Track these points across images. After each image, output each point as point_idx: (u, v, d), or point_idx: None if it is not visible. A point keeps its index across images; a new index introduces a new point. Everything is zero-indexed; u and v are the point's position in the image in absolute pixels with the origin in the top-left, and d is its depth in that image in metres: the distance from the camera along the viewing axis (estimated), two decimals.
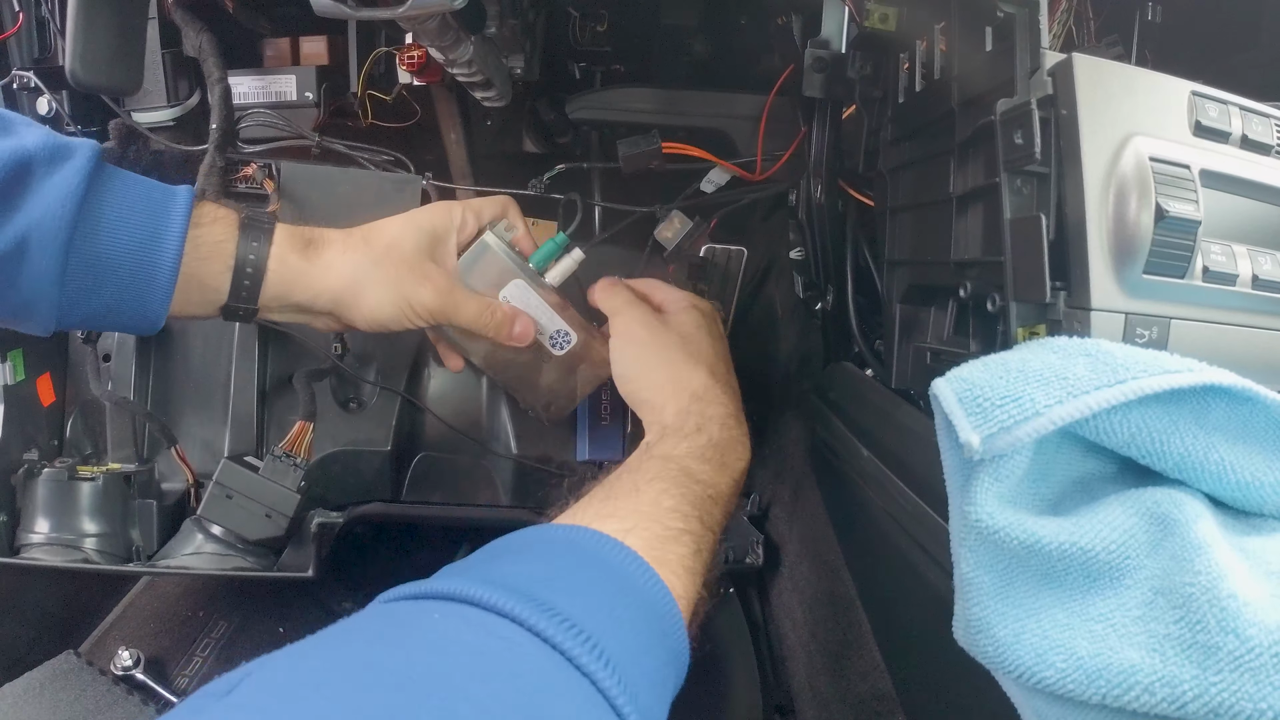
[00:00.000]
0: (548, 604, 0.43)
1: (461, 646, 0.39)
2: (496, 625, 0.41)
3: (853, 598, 0.85)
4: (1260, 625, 0.36)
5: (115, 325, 0.68)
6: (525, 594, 0.43)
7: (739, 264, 1.08)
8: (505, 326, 0.81)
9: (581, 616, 0.43)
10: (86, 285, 0.63)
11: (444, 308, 0.76)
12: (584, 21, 1.05)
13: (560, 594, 0.45)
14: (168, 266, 0.65)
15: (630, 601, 0.49)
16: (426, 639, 0.40)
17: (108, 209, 0.63)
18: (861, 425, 0.77)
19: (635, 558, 0.52)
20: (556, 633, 0.41)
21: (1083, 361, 0.44)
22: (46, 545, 0.87)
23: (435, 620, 0.42)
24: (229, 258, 0.68)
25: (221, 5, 0.99)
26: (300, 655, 0.38)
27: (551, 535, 0.54)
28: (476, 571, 0.47)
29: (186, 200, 0.67)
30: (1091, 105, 0.48)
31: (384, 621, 0.42)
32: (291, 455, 0.91)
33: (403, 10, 0.62)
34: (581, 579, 0.48)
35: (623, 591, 0.50)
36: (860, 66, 0.77)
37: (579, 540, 0.53)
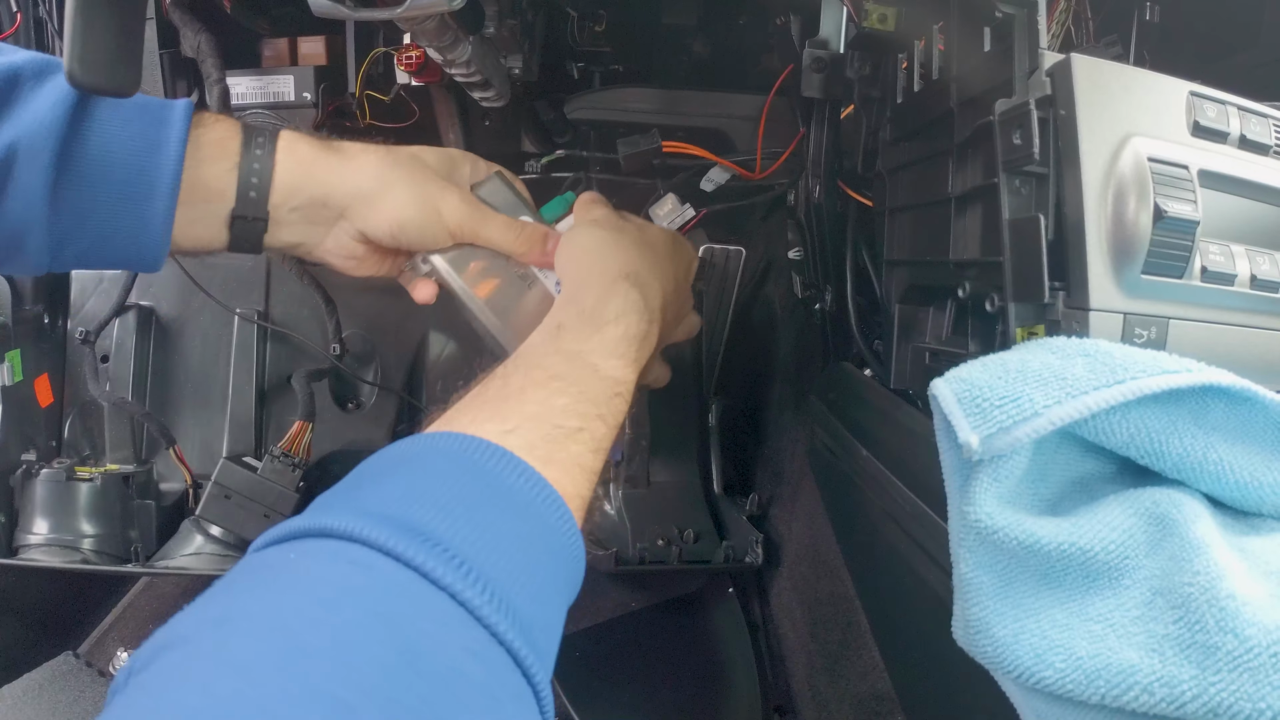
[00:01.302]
0: (403, 522, 0.42)
1: (313, 580, 0.39)
2: (350, 552, 0.40)
3: (852, 598, 0.85)
4: (1259, 625, 0.36)
5: (114, 258, 0.62)
6: (380, 516, 0.42)
7: (738, 264, 1.08)
8: (537, 243, 0.74)
9: (441, 531, 0.42)
10: (81, 205, 0.58)
11: (473, 217, 0.70)
12: (583, 21, 1.05)
13: (421, 510, 0.43)
14: (169, 168, 0.59)
15: (503, 507, 0.47)
16: (280, 580, 0.39)
17: (100, 116, 0.58)
18: (861, 425, 0.77)
19: (510, 459, 0.50)
20: (410, 550, 0.40)
21: (1081, 362, 0.44)
22: (45, 546, 0.87)
23: (291, 560, 0.41)
24: (234, 154, 0.63)
25: (219, 6, 0.99)
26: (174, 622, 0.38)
27: (416, 448, 0.51)
28: (339, 500, 0.46)
29: (186, 106, 0.62)
30: (1090, 105, 0.48)
31: (246, 571, 0.41)
32: (290, 455, 0.91)
33: (401, 10, 0.61)
34: (446, 491, 0.46)
35: (494, 498, 0.47)
36: (859, 67, 0.77)
37: (445, 448, 0.50)
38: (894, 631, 0.77)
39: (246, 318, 1.00)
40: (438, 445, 0.51)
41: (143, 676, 0.35)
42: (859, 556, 0.84)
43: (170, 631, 0.37)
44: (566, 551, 0.50)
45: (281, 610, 0.36)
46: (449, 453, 0.50)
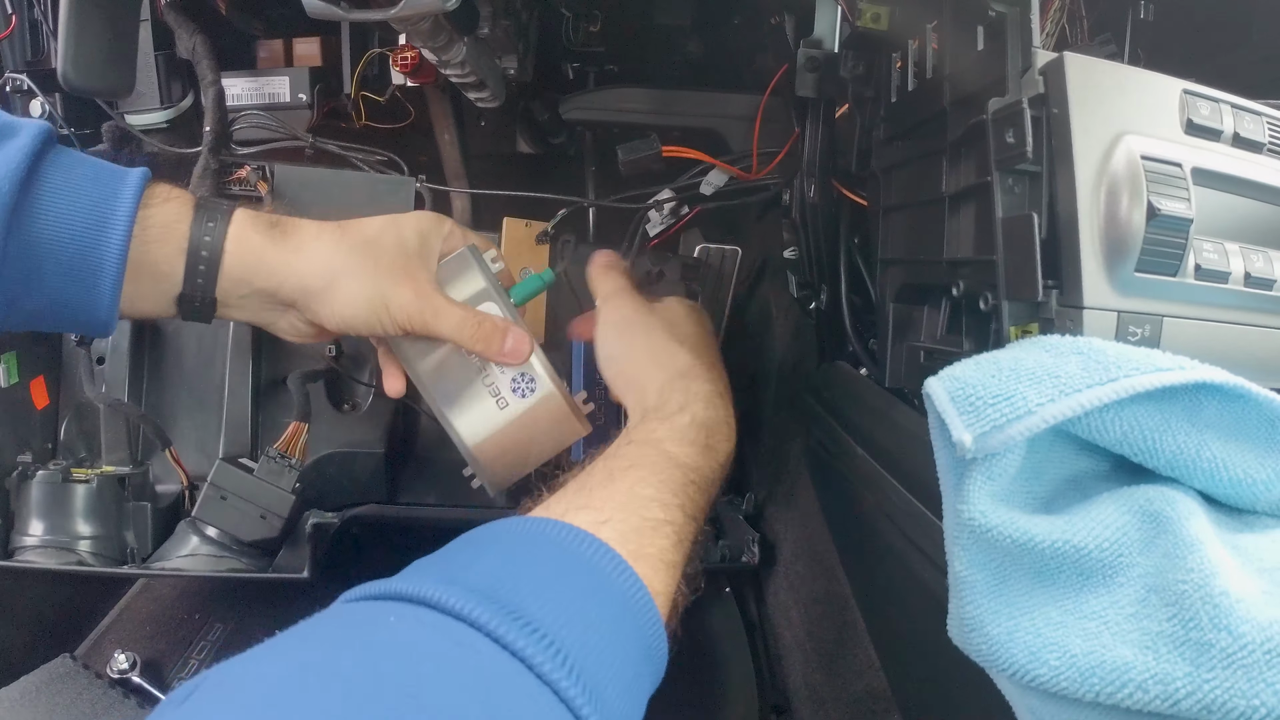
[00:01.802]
0: (508, 605, 0.41)
1: (415, 651, 0.38)
2: (453, 629, 0.40)
3: (848, 596, 0.85)
4: (1253, 622, 0.36)
5: (64, 323, 0.62)
6: (485, 595, 0.41)
7: (733, 264, 1.08)
8: (495, 339, 0.71)
9: (544, 618, 0.41)
10: (28, 273, 0.58)
11: (423, 312, 0.68)
12: (577, 22, 1.05)
13: (523, 594, 0.43)
14: (114, 250, 0.59)
15: (601, 600, 0.47)
16: (380, 644, 0.38)
17: (51, 189, 0.58)
18: (856, 424, 0.77)
19: (608, 552, 0.50)
20: (515, 637, 0.40)
21: (1075, 360, 0.44)
22: (40, 548, 0.87)
23: (390, 623, 0.40)
24: (182, 239, 0.62)
25: (214, 7, 0.99)
26: (255, 660, 0.37)
27: (520, 529, 0.51)
28: (438, 570, 0.46)
29: (138, 180, 0.61)
30: (1083, 104, 0.48)
31: (340, 624, 0.41)
32: (286, 456, 0.91)
33: (395, 11, 0.62)
34: (547, 576, 0.46)
35: (593, 589, 0.47)
36: (853, 66, 0.77)
37: (548, 534, 0.50)
38: (890, 630, 0.77)
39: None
40: (541, 530, 0.51)
41: (215, 694, 0.34)
42: (855, 555, 0.84)
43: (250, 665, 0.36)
44: (655, 651, 0.50)
45: (376, 673, 0.36)
46: (550, 539, 0.50)
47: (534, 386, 0.73)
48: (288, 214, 0.80)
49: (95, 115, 1.06)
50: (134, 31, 0.87)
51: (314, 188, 0.99)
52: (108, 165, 0.61)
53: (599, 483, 0.58)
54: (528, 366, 0.73)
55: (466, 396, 0.73)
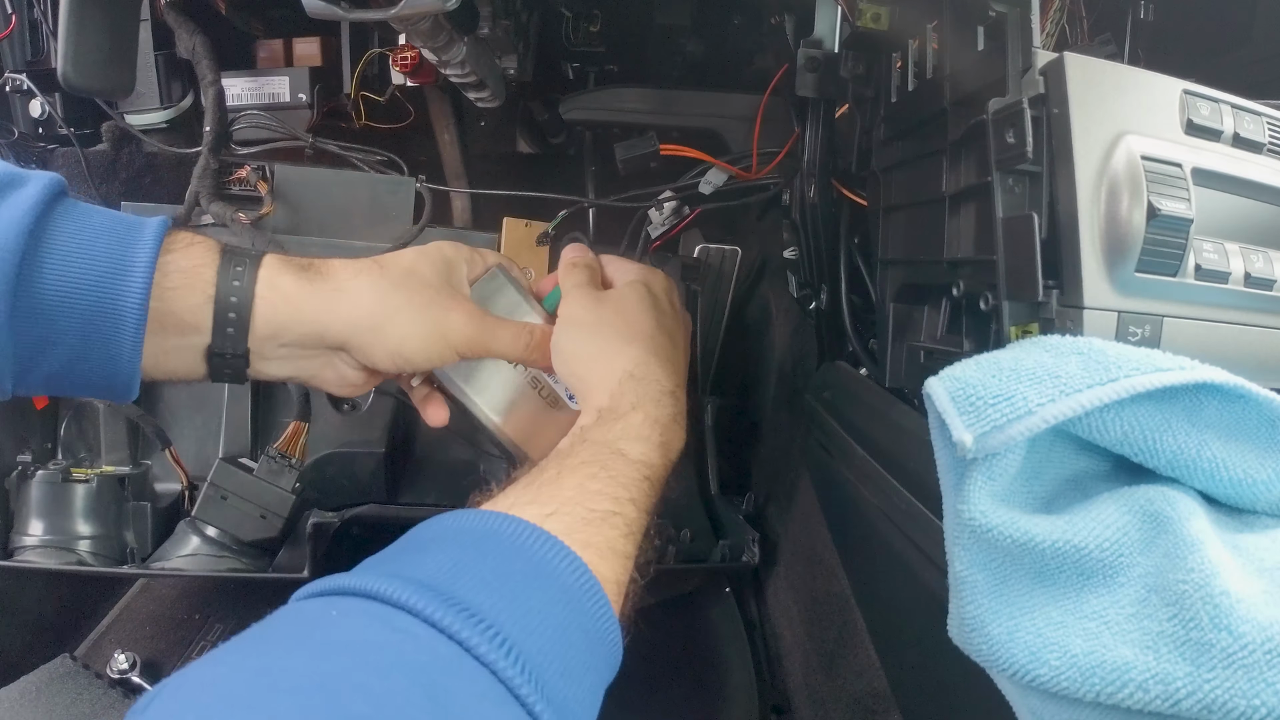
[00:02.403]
0: (448, 595, 0.42)
1: (357, 643, 0.39)
2: (395, 619, 0.41)
3: (848, 596, 0.85)
4: (1253, 622, 0.36)
5: (83, 385, 0.57)
6: (426, 586, 0.42)
7: (733, 264, 1.08)
8: (548, 347, 0.71)
9: (484, 606, 0.42)
10: (41, 331, 0.54)
11: (480, 334, 0.67)
12: (577, 22, 1.05)
13: (464, 584, 0.44)
14: (134, 299, 0.55)
15: (544, 586, 0.48)
16: (327, 641, 0.39)
17: (63, 240, 0.54)
18: (856, 424, 0.77)
19: (552, 542, 0.50)
20: (454, 623, 0.41)
21: (1075, 360, 0.44)
22: (40, 548, 0.87)
23: (334, 618, 0.41)
24: (208, 286, 0.58)
25: (214, 7, 0.99)
26: (211, 665, 0.38)
27: (464, 523, 0.52)
28: (383, 565, 0.47)
29: (157, 227, 0.57)
30: (1083, 104, 0.48)
31: (290, 624, 0.41)
32: (286, 456, 0.91)
33: (395, 11, 0.62)
34: (489, 567, 0.47)
35: (535, 577, 0.48)
36: (853, 66, 0.77)
37: (491, 526, 0.51)
38: (890, 630, 0.77)
39: None
40: (485, 523, 0.51)
41: (173, 704, 0.35)
42: (855, 555, 0.84)
43: (206, 671, 0.37)
44: (604, 635, 0.50)
45: (324, 670, 0.37)
46: (494, 531, 0.50)
47: None
48: (290, 215, 0.79)
49: (95, 115, 1.06)
50: (134, 31, 0.87)
51: (314, 188, 0.99)
52: (123, 215, 0.57)
53: (549, 479, 0.58)
54: None
55: (522, 409, 0.76)
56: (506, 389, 0.75)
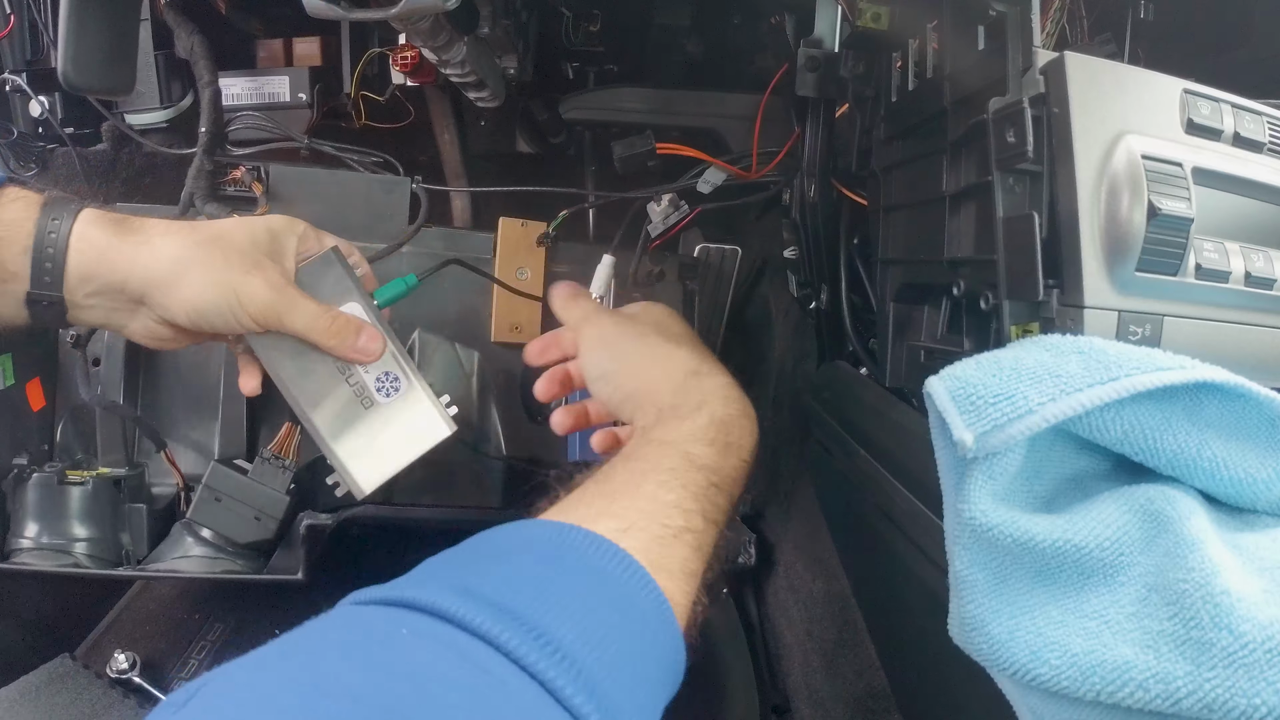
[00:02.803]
0: (528, 623, 0.39)
1: (433, 675, 0.36)
2: (471, 649, 0.38)
3: (848, 596, 0.85)
4: (1254, 621, 0.36)
5: None
6: (504, 610, 0.39)
7: (733, 263, 1.08)
8: (348, 335, 0.70)
9: (566, 638, 0.39)
10: None
11: (275, 305, 0.66)
12: (577, 21, 1.05)
13: (544, 610, 0.41)
14: None
15: (625, 617, 0.45)
16: (394, 661, 0.36)
17: None
18: (856, 424, 0.77)
19: (631, 564, 0.48)
20: (537, 659, 0.38)
21: (1075, 359, 0.44)
22: (36, 550, 0.87)
23: (404, 638, 0.38)
24: (27, 237, 0.61)
25: (214, 6, 0.99)
26: (259, 666, 0.35)
27: (540, 535, 0.49)
28: (454, 576, 0.44)
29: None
30: (1083, 103, 0.48)
31: (350, 632, 0.39)
32: (280, 458, 0.91)
33: (395, 11, 0.61)
34: (570, 590, 0.44)
35: (616, 605, 0.45)
36: (853, 65, 0.77)
37: (570, 542, 0.48)
38: (890, 629, 0.77)
39: None
40: (563, 537, 0.49)
41: (216, 701, 0.33)
42: (855, 555, 0.84)
43: (251, 673, 0.35)
44: (674, 666, 0.48)
45: (391, 697, 0.34)
46: (573, 548, 0.48)
47: (399, 385, 0.73)
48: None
49: (94, 115, 1.06)
50: (134, 31, 0.87)
51: (309, 188, 0.99)
52: None
53: (620, 487, 0.56)
54: (391, 365, 0.73)
55: (330, 397, 0.72)
56: (316, 373, 0.72)
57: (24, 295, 0.62)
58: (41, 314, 0.63)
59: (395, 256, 0.99)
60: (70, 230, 0.62)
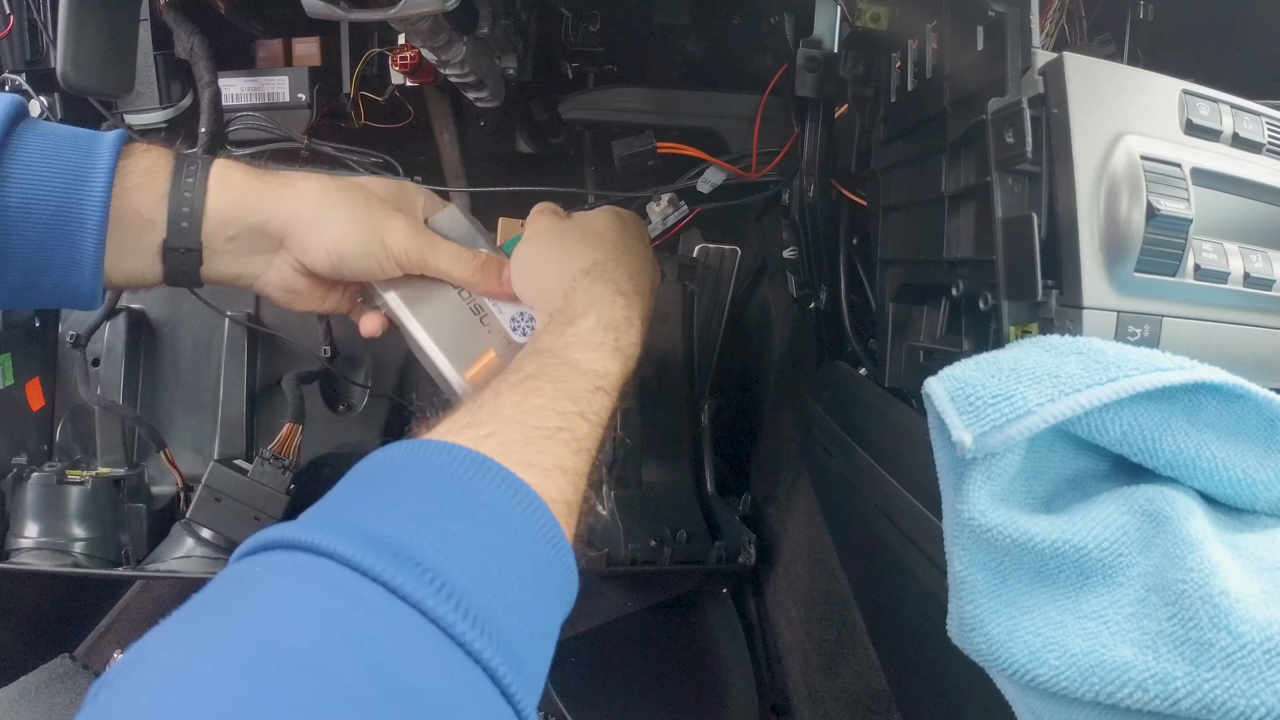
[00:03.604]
0: (377, 538, 0.40)
1: (282, 601, 0.37)
2: (323, 570, 0.38)
3: (847, 596, 0.85)
4: (1252, 622, 0.36)
5: (47, 293, 0.59)
6: (354, 530, 0.40)
7: (732, 263, 1.08)
8: (493, 270, 0.70)
9: (415, 545, 0.40)
10: (4, 241, 0.56)
11: (420, 246, 0.67)
12: (576, 22, 1.05)
13: (393, 524, 0.41)
14: (96, 201, 0.56)
15: (480, 515, 0.45)
16: (248, 600, 0.37)
17: (25, 153, 0.56)
18: (855, 424, 0.77)
19: (487, 465, 0.47)
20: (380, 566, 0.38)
21: (1074, 360, 0.44)
22: (35, 550, 0.87)
23: (258, 575, 0.39)
24: (164, 184, 0.60)
25: (213, 7, 0.99)
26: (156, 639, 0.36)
27: (396, 456, 0.49)
28: (318, 512, 0.44)
29: (116, 137, 0.59)
30: (1082, 104, 0.48)
31: (219, 587, 0.39)
32: (280, 458, 0.91)
33: (395, 11, 0.61)
34: (421, 502, 0.44)
35: (469, 507, 0.45)
36: (852, 66, 0.77)
37: (424, 456, 0.48)
38: (890, 630, 0.77)
39: (237, 320, 1.00)
40: (415, 453, 0.49)
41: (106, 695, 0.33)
42: (854, 555, 0.84)
43: (141, 650, 0.35)
44: (552, 559, 0.47)
45: (245, 634, 0.35)
46: (426, 461, 0.48)
47: (533, 324, 0.71)
48: None
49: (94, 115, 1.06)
50: (133, 31, 0.87)
51: None
52: (82, 130, 0.59)
53: (487, 398, 0.56)
54: (524, 308, 0.72)
55: (467, 341, 0.71)
56: (449, 317, 0.71)
57: (160, 245, 0.61)
58: (177, 265, 0.61)
59: None
60: (209, 174, 0.61)
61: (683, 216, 1.00)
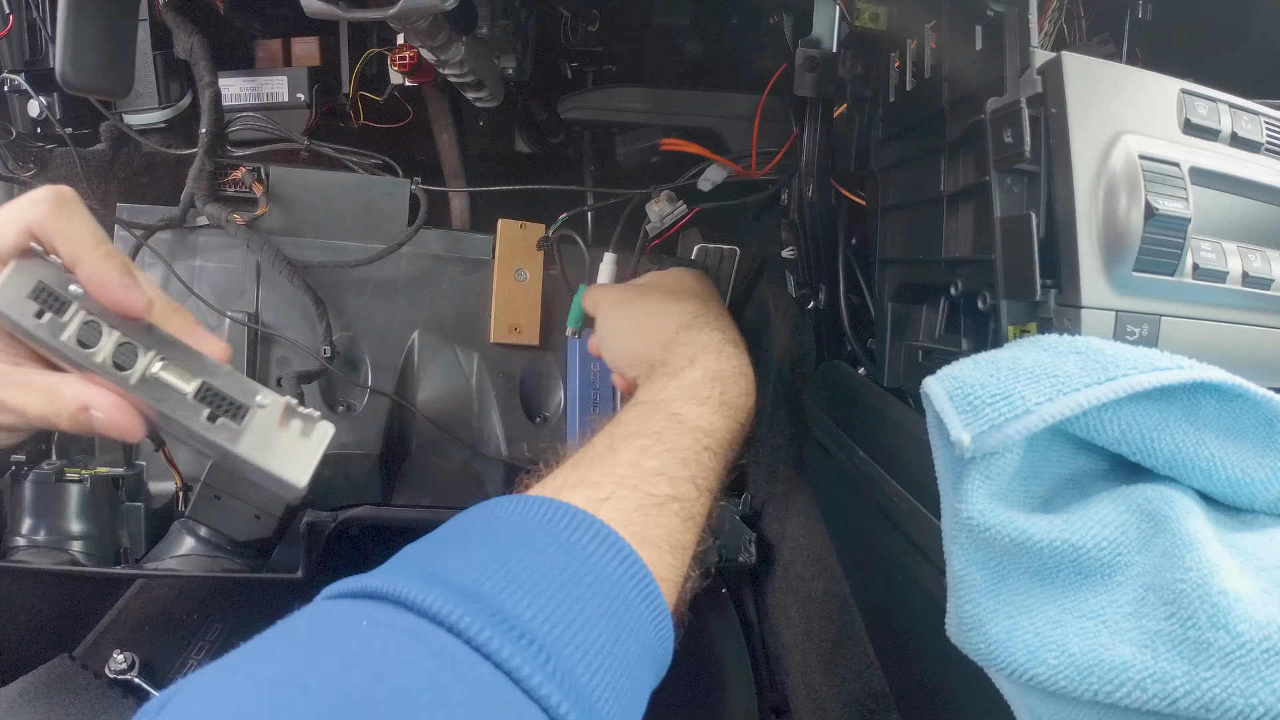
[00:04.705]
0: (491, 605, 0.37)
1: (386, 663, 0.34)
2: (430, 635, 0.36)
3: (846, 596, 0.85)
4: (1251, 621, 0.36)
5: None
6: (465, 592, 0.37)
7: (731, 263, 1.08)
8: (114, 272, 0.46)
9: (530, 619, 0.37)
10: None
11: None
12: (575, 21, 1.05)
13: (508, 591, 0.38)
14: None
15: (600, 592, 0.42)
16: (351, 654, 0.34)
17: None
18: (854, 424, 0.77)
19: (610, 537, 0.44)
20: (499, 644, 0.36)
21: (1073, 359, 0.44)
22: (32, 548, 0.87)
23: (362, 628, 0.36)
24: None
25: (213, 6, 0.99)
26: (225, 669, 0.34)
27: (511, 513, 0.46)
28: (420, 562, 0.42)
29: None
30: (1081, 103, 0.48)
31: (315, 627, 0.37)
32: None
33: (394, 11, 0.61)
34: (538, 568, 0.41)
35: (590, 580, 0.42)
36: (851, 65, 0.77)
37: (540, 516, 0.45)
38: (889, 629, 0.77)
39: (237, 320, 1.00)
40: (533, 512, 0.45)
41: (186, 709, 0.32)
42: (853, 555, 0.84)
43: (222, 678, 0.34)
44: (660, 645, 0.45)
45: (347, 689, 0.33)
46: (544, 522, 0.45)
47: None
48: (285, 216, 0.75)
49: (93, 115, 1.06)
50: (132, 31, 0.86)
51: (309, 189, 1.00)
52: None
53: (599, 454, 0.52)
54: None
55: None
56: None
57: None
58: None
59: (394, 257, 0.99)
60: None
61: (681, 215, 1.00)
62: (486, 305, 1.04)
